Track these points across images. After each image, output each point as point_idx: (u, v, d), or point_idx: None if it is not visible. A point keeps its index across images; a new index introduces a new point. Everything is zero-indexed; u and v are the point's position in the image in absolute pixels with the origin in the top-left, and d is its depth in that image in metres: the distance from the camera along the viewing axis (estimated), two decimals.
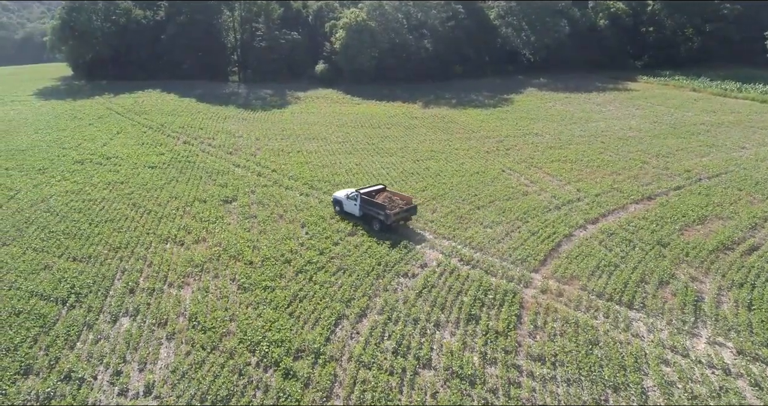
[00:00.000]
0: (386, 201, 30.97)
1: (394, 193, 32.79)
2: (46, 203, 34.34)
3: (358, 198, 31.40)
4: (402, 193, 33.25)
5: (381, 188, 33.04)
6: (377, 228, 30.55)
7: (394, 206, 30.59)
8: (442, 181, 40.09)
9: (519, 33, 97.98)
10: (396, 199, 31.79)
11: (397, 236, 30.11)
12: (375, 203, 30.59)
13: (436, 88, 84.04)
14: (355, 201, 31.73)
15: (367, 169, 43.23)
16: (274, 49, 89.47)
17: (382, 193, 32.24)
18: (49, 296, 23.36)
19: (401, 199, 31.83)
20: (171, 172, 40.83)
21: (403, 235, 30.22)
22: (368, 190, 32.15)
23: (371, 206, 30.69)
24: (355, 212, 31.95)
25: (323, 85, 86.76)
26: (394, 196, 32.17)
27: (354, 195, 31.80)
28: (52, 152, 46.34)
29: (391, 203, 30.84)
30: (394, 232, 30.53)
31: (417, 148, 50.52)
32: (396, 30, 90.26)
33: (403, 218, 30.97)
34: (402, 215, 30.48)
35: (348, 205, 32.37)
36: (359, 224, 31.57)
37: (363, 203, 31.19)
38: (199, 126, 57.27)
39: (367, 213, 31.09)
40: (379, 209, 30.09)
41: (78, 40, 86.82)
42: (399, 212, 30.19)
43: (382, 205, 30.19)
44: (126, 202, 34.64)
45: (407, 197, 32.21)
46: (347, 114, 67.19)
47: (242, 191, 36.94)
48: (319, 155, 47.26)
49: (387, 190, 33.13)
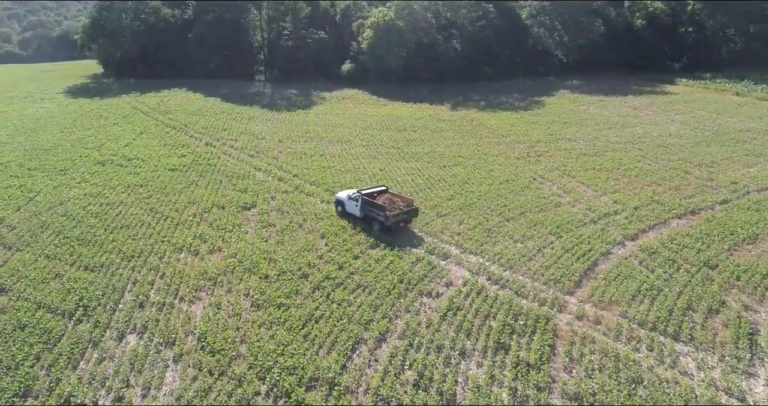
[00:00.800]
0: (386, 202, 30.76)
1: (395, 194, 32.64)
2: (63, 207, 33.71)
3: (359, 199, 31.17)
4: (403, 195, 33.02)
5: (383, 190, 33.03)
6: (377, 229, 30.34)
7: (394, 208, 30.32)
8: (470, 189, 38.22)
9: (551, 33, 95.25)
10: (397, 201, 31.51)
11: (400, 237, 28.48)
12: (375, 204, 30.36)
13: (465, 90, 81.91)
14: (356, 202, 31.50)
15: (391, 175, 41.62)
16: (301, 48, 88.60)
17: (384, 195, 32.09)
18: (57, 309, 22.41)
19: (402, 201, 31.49)
20: (191, 176, 39.91)
21: (413, 243, 28.58)
22: (370, 191, 32.07)
23: (371, 207, 30.48)
24: (356, 212, 31.75)
25: (349, 85, 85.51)
26: (395, 197, 31.99)
27: (355, 196, 31.60)
28: (75, 152, 46.00)
29: (391, 205, 30.61)
30: (393, 234, 30.14)
31: (444, 152, 48.69)
32: (424, 29, 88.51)
33: (404, 220, 30.69)
34: (402, 217, 30.23)
35: (349, 205, 32.16)
36: (359, 224, 31.30)
37: (364, 203, 30.96)
38: (223, 127, 56.49)
39: (368, 214, 30.90)
40: (379, 210, 29.93)
41: (107, 39, 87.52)
42: (398, 214, 29.94)
43: (381, 206, 29.96)
44: (143, 207, 33.76)
45: (408, 199, 31.89)
46: (373, 115, 65.69)
47: (262, 197, 35.74)
48: (342, 159, 45.85)
49: (389, 191, 33.03)
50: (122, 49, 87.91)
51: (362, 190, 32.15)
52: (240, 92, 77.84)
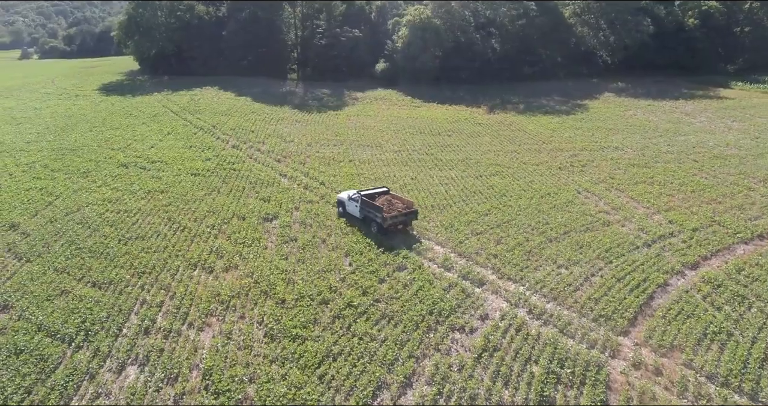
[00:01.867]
0: (385, 204, 30.50)
1: (395, 196, 32.32)
2: (80, 213, 32.39)
3: (359, 200, 30.92)
4: (404, 197, 32.49)
5: (384, 191, 32.97)
6: (375, 231, 29.98)
7: (392, 210, 30.06)
8: (508, 203, 35.33)
9: (596, 32, 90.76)
10: (396, 202, 31.17)
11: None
12: (373, 205, 30.05)
13: (503, 91, 78.47)
14: (356, 203, 31.25)
15: (423, 184, 39.04)
16: (335, 46, 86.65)
17: (383, 196, 31.88)
18: (57, 332, 20.75)
19: (402, 203, 31.12)
20: (213, 182, 38.23)
21: (446, 265, 25.94)
22: (370, 193, 32.15)
23: (370, 209, 30.21)
24: (356, 213, 31.54)
25: (383, 85, 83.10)
26: (394, 199, 31.71)
27: (355, 196, 31.37)
28: (100, 153, 45.01)
29: (390, 207, 30.39)
30: (392, 236, 29.66)
31: (480, 160, 45.79)
32: (462, 28, 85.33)
33: (402, 222, 30.31)
34: (400, 219, 29.93)
35: (350, 206, 31.98)
36: (358, 225, 30.91)
37: (363, 204, 30.73)
38: (251, 128, 54.88)
39: (367, 215, 30.65)
40: (377, 211, 29.55)
41: (143, 36, 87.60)
42: (396, 216, 29.65)
43: (379, 208, 29.55)
44: (161, 215, 32.13)
45: (408, 201, 31.54)
46: (406, 118, 63.12)
47: (285, 208, 33.68)
48: (371, 166, 43.49)
49: (390, 193, 32.81)
50: (157, 46, 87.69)
51: (362, 191, 32.09)
52: (271, 91, 76.40)
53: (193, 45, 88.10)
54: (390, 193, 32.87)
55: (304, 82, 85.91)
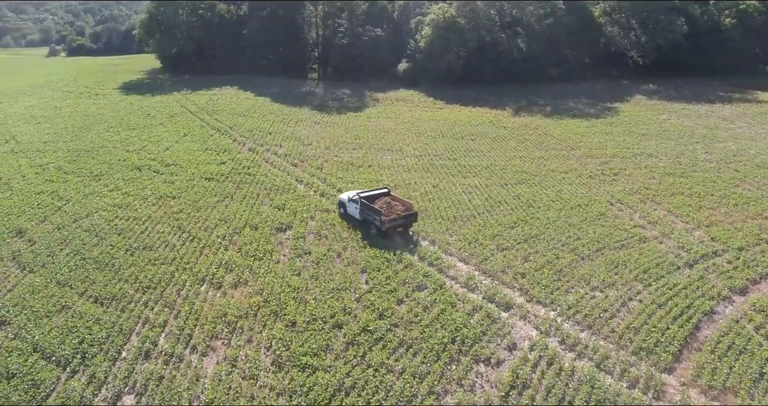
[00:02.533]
0: (384, 206, 30.09)
1: (395, 198, 31.84)
2: (89, 219, 31.27)
3: (359, 202, 30.55)
4: (404, 199, 31.90)
5: (385, 192, 32.51)
6: (374, 233, 29.61)
7: (391, 212, 29.64)
8: (536, 215, 33.23)
9: (627, 32, 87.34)
10: (396, 205, 30.70)
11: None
12: (372, 207, 29.74)
13: (528, 93, 75.98)
14: (356, 204, 30.89)
15: (445, 193, 37.11)
16: (356, 45, 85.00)
17: (383, 198, 31.39)
18: (53, 354, 19.45)
19: (402, 205, 30.70)
20: (227, 187, 36.85)
21: (469, 285, 24.01)
22: (370, 194, 31.73)
23: (369, 211, 29.91)
24: (356, 215, 31.21)
25: (405, 86, 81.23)
26: (394, 201, 31.24)
27: (355, 198, 31.06)
28: (115, 155, 44.06)
29: (389, 209, 29.96)
30: (392, 239, 29.25)
31: (505, 167, 43.67)
32: (487, 27, 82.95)
33: (401, 225, 29.94)
34: (399, 222, 29.53)
35: (350, 208, 31.66)
36: (358, 226, 30.67)
37: (362, 207, 30.41)
38: (269, 130, 53.52)
39: (366, 217, 30.31)
40: (375, 214, 29.25)
41: (164, 34, 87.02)
42: (395, 219, 29.25)
43: (377, 210, 29.22)
44: (171, 224, 30.81)
45: (408, 203, 31.06)
46: (428, 120, 61.16)
47: (300, 217, 32.08)
48: (392, 172, 41.70)
49: (390, 194, 32.33)
50: (177, 44, 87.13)
51: (363, 193, 31.79)
52: (291, 91, 75.10)
53: (214, 44, 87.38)
54: (390, 194, 32.38)
55: (325, 82, 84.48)
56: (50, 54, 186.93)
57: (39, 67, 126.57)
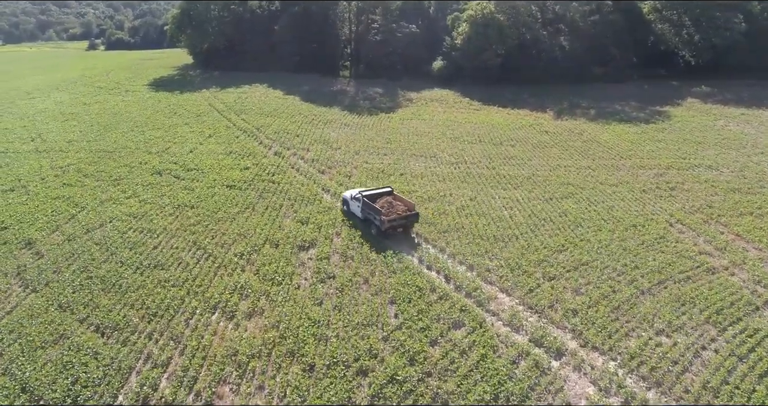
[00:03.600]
0: (385, 206, 29.69)
1: (397, 197, 31.31)
2: (102, 230, 29.34)
3: (361, 200, 30.25)
4: (406, 199, 31.17)
5: (387, 191, 32.05)
6: (374, 233, 29.30)
7: (392, 212, 29.18)
8: (585, 236, 29.81)
9: (679, 30, 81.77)
10: (398, 204, 30.21)
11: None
12: (373, 207, 29.30)
13: (571, 94, 71.76)
14: (358, 202, 30.56)
15: (484, 207, 33.96)
16: (390, 42, 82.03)
17: (385, 197, 30.95)
18: (41, 397, 17.29)
19: (404, 205, 30.21)
20: (249, 196, 34.51)
21: (513, 323, 20.90)
22: (372, 193, 31.41)
23: (370, 210, 29.52)
24: (358, 213, 30.91)
25: (439, 85, 77.97)
26: (396, 200, 30.77)
27: (358, 196, 30.77)
28: (136, 157, 42.31)
29: (390, 209, 29.51)
30: (392, 240, 28.81)
31: (548, 177, 40.18)
32: (527, 24, 78.97)
33: (402, 225, 29.38)
34: (399, 222, 29.02)
35: (353, 206, 31.42)
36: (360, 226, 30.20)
37: (364, 205, 30.08)
38: (296, 132, 51.13)
39: (367, 216, 29.91)
40: (376, 213, 28.85)
41: (195, 30, 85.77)
42: (395, 219, 28.75)
43: (378, 209, 28.82)
44: (187, 238, 28.58)
45: (410, 203, 30.44)
46: (464, 123, 57.88)
47: (325, 233, 29.46)
48: (425, 182, 38.72)
49: (392, 194, 31.83)
50: (208, 40, 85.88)
51: (365, 191, 31.60)
52: (321, 90, 72.69)
53: (245, 40, 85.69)
54: (393, 194, 31.81)
55: (357, 80, 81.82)
56: (90, 48, 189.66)
57: (77, 60, 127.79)
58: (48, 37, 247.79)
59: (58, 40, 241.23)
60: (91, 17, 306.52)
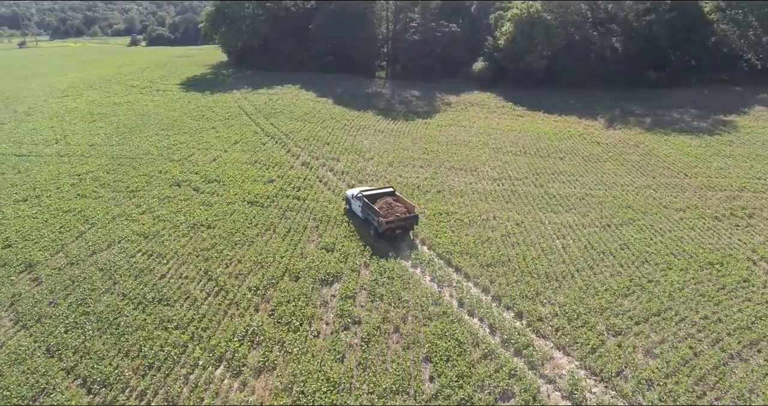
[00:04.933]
0: (384, 207, 28.85)
1: (399, 199, 30.39)
2: (108, 252, 26.73)
3: (361, 200, 29.57)
4: (408, 201, 30.02)
5: (389, 192, 31.21)
6: (372, 234, 28.64)
7: (390, 214, 28.33)
8: (653, 275, 25.58)
9: (744, 31, 75.17)
10: (398, 206, 29.28)
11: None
12: (372, 207, 28.55)
13: (622, 99, 66.68)
14: (359, 202, 29.81)
15: (532, 235, 29.99)
16: (428, 42, 78.07)
17: (386, 198, 30.07)
18: None
19: (404, 207, 29.28)
20: (271, 215, 31.43)
21: (573, 395, 17.04)
22: (373, 193, 30.68)
23: (369, 211, 28.79)
24: (359, 213, 30.24)
25: (480, 88, 73.78)
26: (397, 201, 29.90)
27: (359, 196, 30.05)
28: (157, 165, 39.90)
29: (388, 210, 28.66)
30: (391, 242, 28.03)
31: (604, 198, 35.85)
32: (577, 24, 73.94)
33: (401, 228, 28.43)
34: (397, 224, 28.07)
35: (354, 205, 30.73)
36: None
37: (364, 206, 29.38)
38: (327, 139, 47.95)
39: (367, 217, 29.25)
40: (375, 214, 28.07)
41: (229, 28, 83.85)
42: (393, 221, 27.83)
43: (376, 210, 28.05)
44: (199, 265, 25.65)
45: (410, 205, 29.41)
46: (507, 131, 53.71)
47: (352, 263, 26.08)
48: (465, 201, 34.91)
49: (394, 194, 31.01)
50: (242, 38, 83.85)
51: (366, 190, 31.16)
52: (356, 92, 69.44)
53: (279, 38, 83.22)
54: (395, 194, 30.96)
55: (392, 82, 78.27)
56: (131, 43, 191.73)
57: (117, 56, 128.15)
58: (93, 32, 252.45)
59: (103, 36, 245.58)
60: (134, 13, 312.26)
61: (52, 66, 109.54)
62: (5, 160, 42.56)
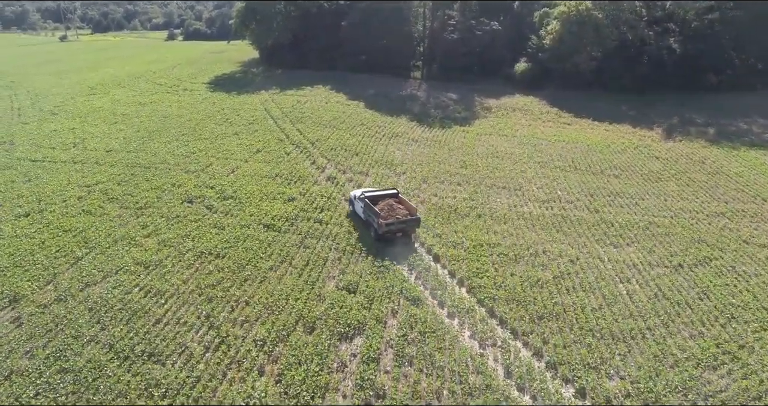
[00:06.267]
0: (385, 208, 28.18)
1: (401, 200, 29.65)
2: (102, 286, 23.53)
3: (363, 201, 28.80)
4: (410, 204, 29.23)
5: (393, 194, 30.36)
6: (372, 235, 27.88)
7: (391, 216, 27.61)
8: (744, 338, 20.90)
9: None
10: (399, 208, 28.59)
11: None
12: (373, 208, 27.81)
13: (680, 105, 61.02)
14: (362, 203, 29.00)
15: (589, 277, 25.54)
16: (467, 41, 73.34)
17: (387, 200, 29.27)
18: None
19: (406, 210, 28.56)
20: (288, 243, 27.77)
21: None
22: (375, 195, 29.80)
23: (370, 212, 28.00)
24: (361, 214, 29.47)
25: (522, 91, 68.86)
26: (400, 203, 29.30)
27: (362, 196, 29.26)
28: (171, 177, 36.82)
29: (389, 212, 27.97)
30: (390, 245, 27.04)
31: (671, 229, 31.00)
32: (630, 23, 67.99)
33: (401, 230, 27.65)
34: (397, 226, 27.27)
35: (357, 206, 29.92)
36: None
37: (365, 207, 28.59)
38: (356, 149, 44.12)
39: (367, 219, 28.53)
40: (375, 216, 27.34)
41: (259, 25, 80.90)
42: (392, 223, 27.04)
43: (377, 212, 27.33)
44: (200, 307, 22.11)
45: (412, 208, 28.66)
46: (553, 141, 48.92)
47: (377, 310, 22.15)
48: (509, 229, 30.56)
49: (397, 196, 30.13)
50: (273, 36, 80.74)
51: (368, 191, 30.41)
52: (389, 94, 65.39)
53: (310, 36, 79.86)
54: (398, 196, 30.12)
55: (428, 83, 73.88)
56: (168, 38, 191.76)
57: (151, 51, 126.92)
58: (133, 26, 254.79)
59: (142, 30, 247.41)
60: (173, 7, 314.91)
61: (87, 61, 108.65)
62: (19, 165, 40.28)
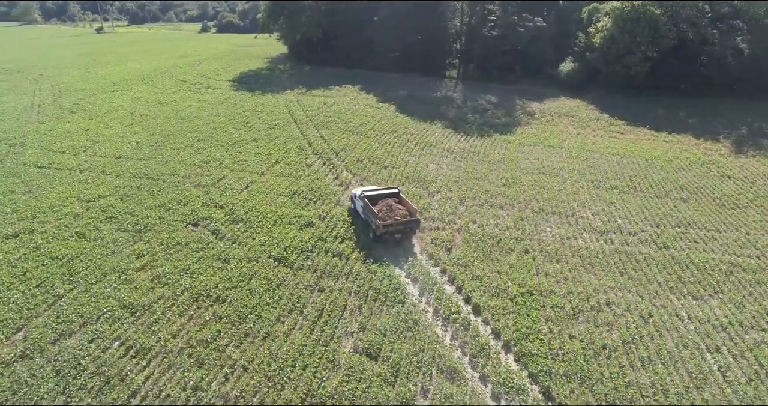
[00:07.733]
0: (383, 209, 27.16)
1: (402, 200, 28.51)
2: (77, 338, 19.78)
3: (363, 200, 27.77)
4: (411, 204, 27.92)
5: (394, 193, 29.33)
6: (370, 236, 26.79)
7: (389, 217, 26.54)
8: None
9: None
10: (399, 209, 27.47)
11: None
12: (371, 209, 26.75)
13: (746, 113, 54.72)
14: (361, 202, 27.97)
15: (668, 343, 20.64)
16: (508, 38, 67.74)
17: (387, 200, 28.23)
18: None
19: (406, 210, 27.46)
20: (300, 284, 23.57)
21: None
22: (375, 194, 28.81)
23: (369, 212, 26.96)
24: (361, 213, 28.46)
25: (567, 93, 63.34)
26: (400, 203, 28.28)
27: (362, 195, 28.27)
28: (178, 193, 33.09)
29: (388, 212, 26.90)
30: (389, 246, 25.69)
31: (761, 274, 25.68)
32: (691, 20, 61.39)
33: (400, 231, 26.48)
34: (396, 228, 26.18)
35: (358, 204, 28.99)
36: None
37: (364, 206, 27.56)
38: (385, 160, 39.68)
39: (366, 219, 27.55)
40: (373, 216, 26.35)
41: (287, 20, 77.09)
42: (391, 224, 26.02)
43: (375, 212, 26.29)
44: (188, 375, 18.07)
45: (413, 208, 27.44)
46: (607, 154, 43.52)
47: (404, 385, 17.75)
48: (563, 269, 25.68)
49: (398, 196, 29.05)
50: (301, 31, 76.86)
51: (368, 190, 29.75)
52: (422, 95, 60.67)
53: (340, 32, 75.58)
54: (399, 195, 29.24)
55: (465, 83, 68.77)
56: (202, 30, 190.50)
57: (181, 44, 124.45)
58: (168, 18, 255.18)
59: (177, 22, 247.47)
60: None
61: (117, 54, 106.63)
62: (24, 172, 37.27)
